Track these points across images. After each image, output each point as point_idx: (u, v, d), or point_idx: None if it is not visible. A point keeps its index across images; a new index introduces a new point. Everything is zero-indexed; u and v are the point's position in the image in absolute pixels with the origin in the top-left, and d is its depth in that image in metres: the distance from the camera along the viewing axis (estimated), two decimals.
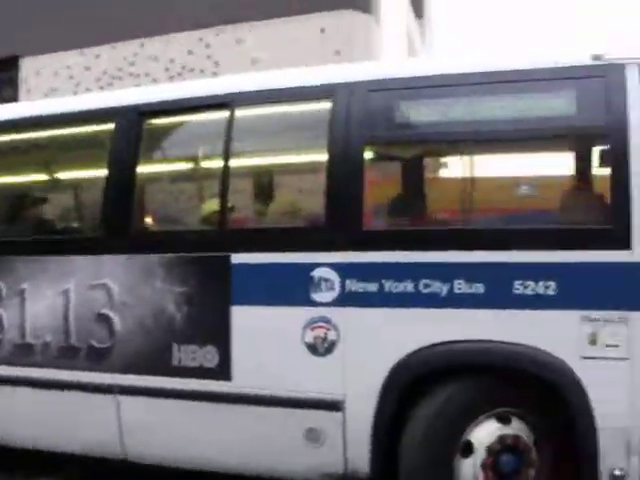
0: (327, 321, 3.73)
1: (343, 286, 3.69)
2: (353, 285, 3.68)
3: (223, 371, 3.89)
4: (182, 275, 3.98)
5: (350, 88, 3.83)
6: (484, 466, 3.54)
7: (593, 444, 3.40)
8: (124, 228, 4.20)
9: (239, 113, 4.07)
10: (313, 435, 3.74)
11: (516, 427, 3.59)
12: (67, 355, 4.24)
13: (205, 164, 4.92)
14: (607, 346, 3.40)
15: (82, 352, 4.21)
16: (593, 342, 3.42)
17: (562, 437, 3.55)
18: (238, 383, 3.86)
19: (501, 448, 3.54)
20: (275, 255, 3.85)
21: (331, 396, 3.71)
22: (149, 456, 4.17)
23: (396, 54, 10.99)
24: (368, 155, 3.84)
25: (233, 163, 4.08)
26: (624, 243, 3.39)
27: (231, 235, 4.11)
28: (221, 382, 3.89)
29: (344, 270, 3.70)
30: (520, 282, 3.49)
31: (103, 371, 4.15)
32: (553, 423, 3.58)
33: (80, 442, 4.31)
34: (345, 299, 3.69)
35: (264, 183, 4.86)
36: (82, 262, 4.26)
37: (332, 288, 3.72)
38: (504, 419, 3.59)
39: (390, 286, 3.64)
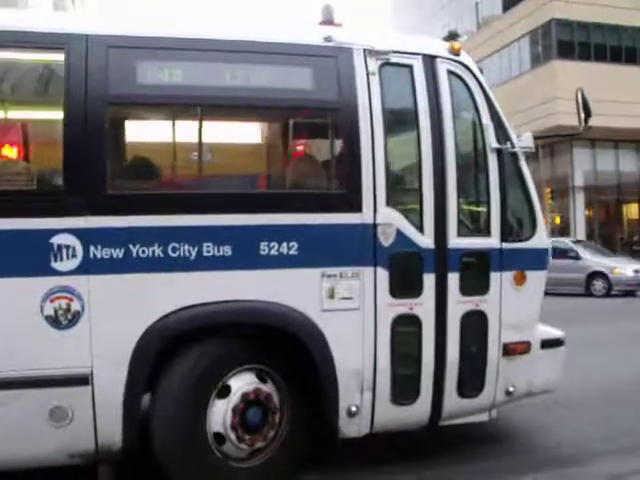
0: (69, 291, 3.47)
1: (87, 253, 3.48)
2: (98, 252, 3.50)
3: None
4: None
5: (88, 41, 3.59)
6: (235, 410, 3.71)
7: (334, 387, 3.76)
8: None
9: None
10: (59, 414, 3.47)
11: (270, 388, 3.82)
12: None
13: None
14: (343, 299, 3.78)
15: None
16: (331, 296, 3.76)
17: (303, 397, 3.86)
18: None
19: (254, 398, 3.75)
20: (5, 221, 3.45)
21: (77, 370, 3.48)
22: None
23: (43, 7, 10.27)
24: (110, 115, 3.65)
25: None
26: (356, 206, 3.79)
27: None
28: None
29: (87, 236, 3.49)
30: (265, 243, 3.67)
31: None
32: (297, 382, 3.86)
33: None
34: (89, 266, 3.48)
35: None
36: None
37: (74, 255, 3.48)
38: (262, 378, 3.81)
39: (137, 251, 3.54)
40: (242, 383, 3.75)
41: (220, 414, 3.70)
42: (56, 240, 3.46)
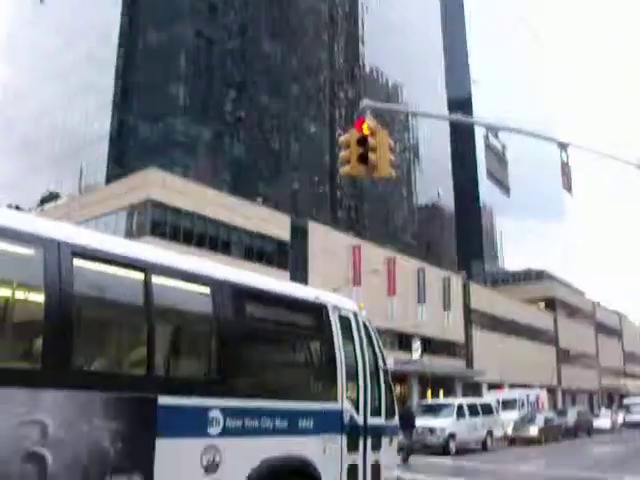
0: (215, 447, 5.38)
1: (225, 421, 5.49)
2: (231, 422, 5.54)
3: None
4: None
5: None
6: None
7: None
8: None
9: None
10: None
11: None
12: None
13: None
14: (330, 450, 6.47)
15: None
16: (324, 451, 6.42)
17: None
18: None
19: None
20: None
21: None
22: None
23: None
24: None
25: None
26: (336, 399, 6.66)
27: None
28: None
29: (225, 411, 5.52)
30: (300, 418, 6.24)
31: None
32: None
33: None
34: (226, 431, 5.49)
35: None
36: None
37: (218, 424, 5.44)
38: None
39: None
40: None
41: None
42: (210, 414, 5.44)
